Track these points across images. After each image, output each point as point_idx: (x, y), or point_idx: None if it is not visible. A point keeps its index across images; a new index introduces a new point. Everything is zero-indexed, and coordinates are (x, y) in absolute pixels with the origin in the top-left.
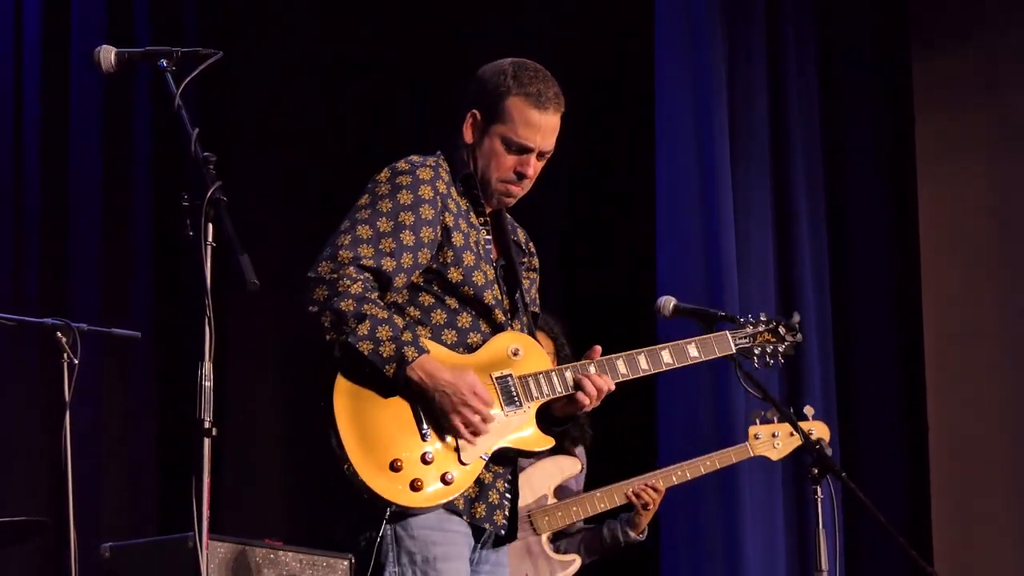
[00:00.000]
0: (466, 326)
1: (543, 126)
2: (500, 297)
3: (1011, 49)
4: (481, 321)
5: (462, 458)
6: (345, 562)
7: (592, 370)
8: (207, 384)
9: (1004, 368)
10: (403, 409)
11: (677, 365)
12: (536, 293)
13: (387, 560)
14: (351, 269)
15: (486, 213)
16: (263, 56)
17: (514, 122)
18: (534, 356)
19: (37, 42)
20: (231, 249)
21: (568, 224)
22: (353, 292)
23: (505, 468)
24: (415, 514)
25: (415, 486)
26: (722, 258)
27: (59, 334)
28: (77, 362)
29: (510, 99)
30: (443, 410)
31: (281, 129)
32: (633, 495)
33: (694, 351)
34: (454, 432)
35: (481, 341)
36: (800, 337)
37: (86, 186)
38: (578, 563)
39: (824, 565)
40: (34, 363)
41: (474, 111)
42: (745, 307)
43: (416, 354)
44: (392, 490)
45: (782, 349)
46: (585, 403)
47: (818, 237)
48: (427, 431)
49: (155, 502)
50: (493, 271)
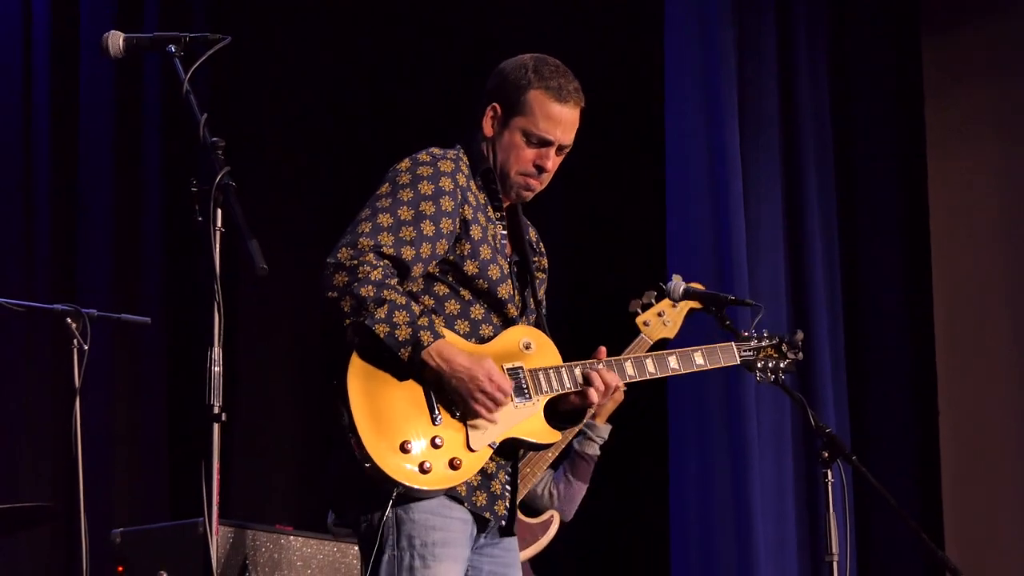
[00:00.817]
0: (478, 318)
1: (563, 119)
2: (513, 292)
3: (1021, 32)
4: (493, 314)
5: (471, 444)
6: (355, 547)
7: (602, 367)
8: (216, 369)
9: (1015, 351)
10: (416, 393)
11: (682, 371)
12: (543, 295)
13: (387, 543)
14: (371, 256)
15: (503, 208)
16: (272, 41)
17: (535, 115)
18: (545, 351)
19: (46, 28)
20: (240, 234)
21: (577, 211)
22: (373, 278)
23: (507, 460)
24: (418, 498)
25: (424, 468)
26: (732, 243)
27: (69, 320)
28: (87, 348)
29: (531, 92)
30: (460, 394)
31: (291, 114)
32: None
33: (700, 359)
34: (470, 416)
35: (493, 334)
36: (801, 356)
37: (96, 172)
38: (557, 519)
39: (835, 549)
40: (44, 349)
41: (495, 104)
42: (755, 292)
43: (432, 339)
44: (401, 471)
45: (783, 366)
46: (593, 398)
47: (828, 221)
48: (438, 415)
49: (165, 488)
50: (508, 266)
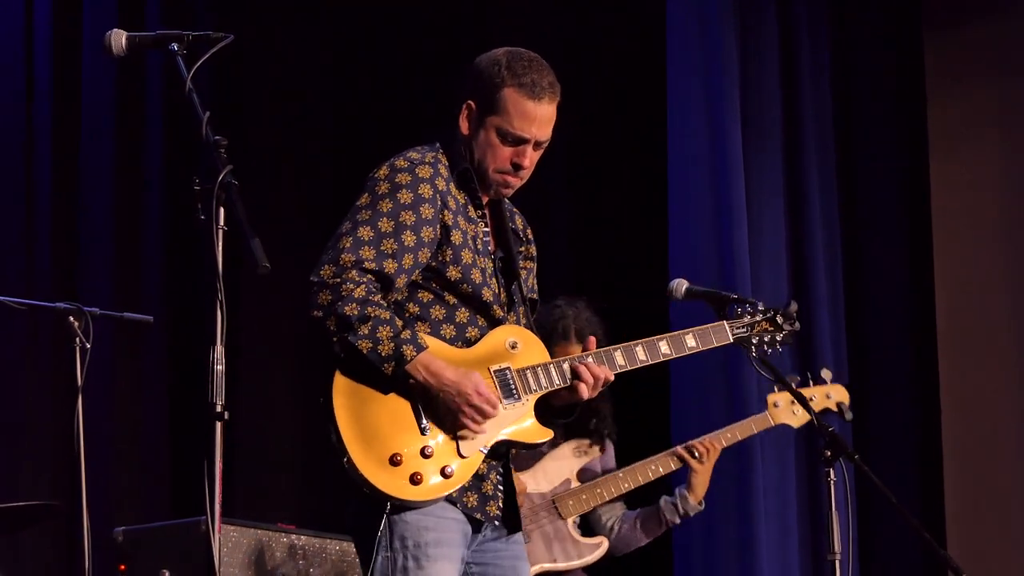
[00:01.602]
0: (464, 321)
1: (538, 116)
2: (498, 291)
3: (1023, 31)
4: (479, 316)
5: (461, 451)
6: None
7: (590, 360)
8: (219, 368)
9: (1017, 350)
10: (402, 405)
11: (675, 355)
12: (534, 282)
13: (381, 546)
14: (354, 273)
15: (484, 205)
16: (274, 39)
17: (509, 113)
18: (532, 349)
19: (48, 27)
20: (242, 233)
21: (578, 209)
22: (356, 296)
23: (498, 460)
24: (414, 506)
25: (415, 480)
26: (734, 241)
27: (71, 318)
28: (89, 346)
29: (505, 90)
30: (447, 408)
31: (293, 112)
32: (685, 452)
33: (692, 341)
34: (458, 429)
35: (479, 335)
36: (798, 326)
37: (97, 171)
38: (605, 545)
39: (837, 547)
40: (46, 348)
41: (469, 102)
42: (757, 290)
43: (415, 352)
44: (392, 484)
45: (780, 338)
46: (583, 392)
47: (830, 219)
48: (427, 425)
49: (168, 486)
50: (492, 265)
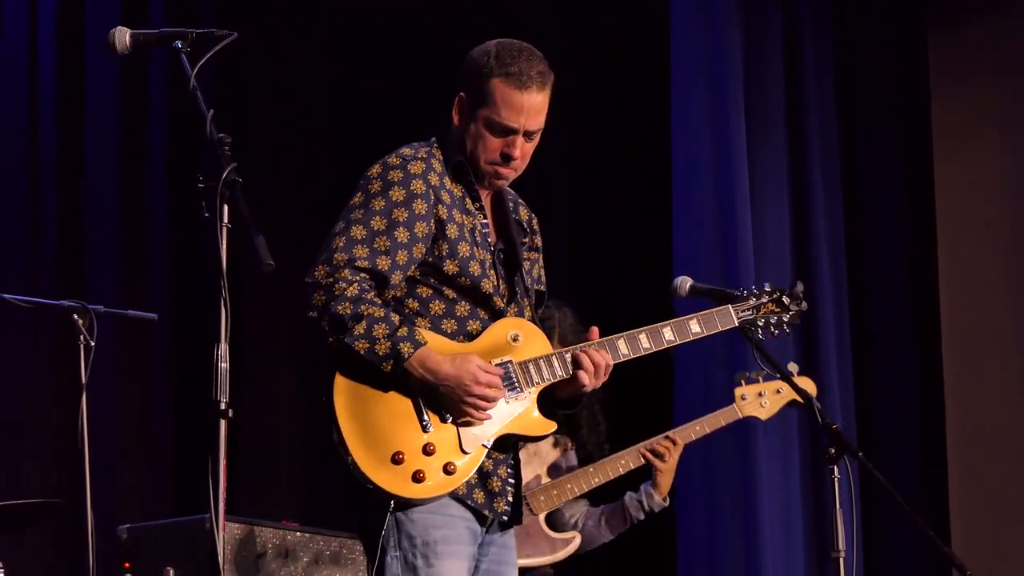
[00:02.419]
0: (465, 314)
1: (524, 106)
2: (498, 283)
3: None
4: (480, 309)
5: (464, 447)
6: (361, 543)
7: (591, 348)
8: (223, 365)
9: (1022, 348)
10: (403, 403)
11: (679, 342)
12: (540, 272)
13: (388, 545)
14: (346, 272)
15: (480, 197)
16: (278, 36)
17: (496, 104)
18: (534, 341)
19: (52, 24)
20: (246, 230)
21: (580, 207)
22: (349, 295)
23: (507, 454)
24: (418, 504)
25: (417, 477)
26: (738, 237)
27: (75, 316)
28: (94, 344)
29: (492, 80)
30: (450, 401)
31: (297, 109)
32: (647, 452)
33: (696, 327)
34: (462, 418)
35: (480, 328)
36: (805, 306)
37: (102, 168)
38: (578, 540)
39: (841, 545)
40: (51, 345)
41: (461, 94)
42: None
43: (412, 349)
44: (394, 482)
45: (787, 319)
46: (585, 380)
47: (834, 217)
48: (428, 422)
49: (172, 484)
50: (491, 257)
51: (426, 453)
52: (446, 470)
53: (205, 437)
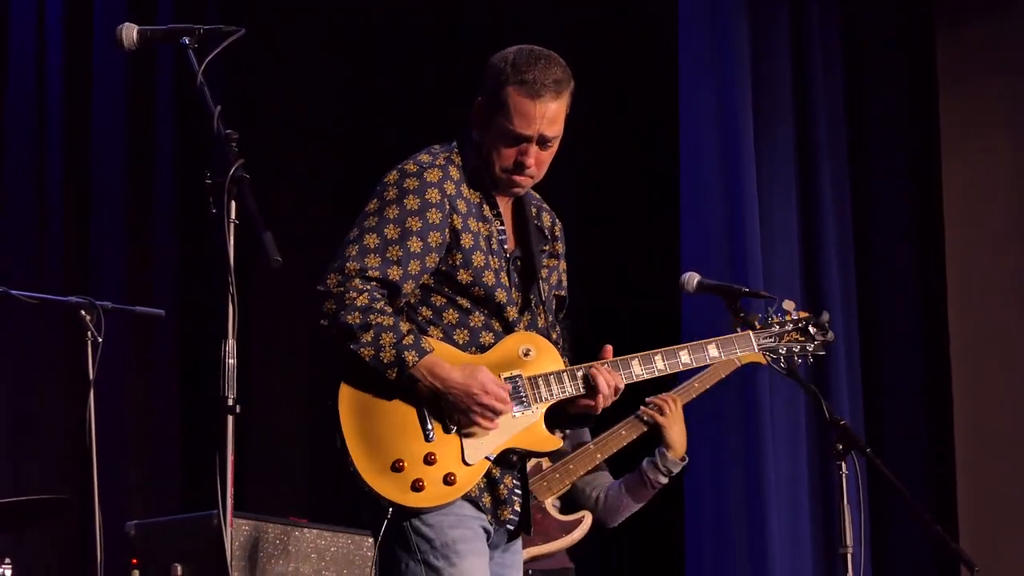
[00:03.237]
0: (478, 326)
1: (537, 115)
2: (512, 294)
3: None
4: (493, 320)
5: (466, 458)
6: (369, 540)
7: (605, 368)
8: (231, 361)
9: None
10: (407, 411)
11: (696, 365)
12: (561, 278)
13: (406, 551)
14: (357, 281)
15: (499, 203)
16: (286, 32)
17: (509, 112)
18: (546, 356)
19: (59, 20)
20: (254, 226)
21: (590, 207)
22: (359, 304)
23: (510, 468)
24: (417, 512)
25: (417, 486)
26: (746, 234)
27: (83, 312)
28: (101, 340)
29: (507, 88)
30: (457, 409)
31: (305, 106)
32: (649, 413)
33: (714, 351)
34: (468, 428)
35: (493, 340)
36: (832, 336)
37: (109, 165)
38: (588, 519)
39: (849, 541)
40: (58, 341)
41: (479, 99)
42: (770, 286)
43: (416, 357)
44: (394, 490)
45: (811, 348)
46: (600, 403)
47: (842, 214)
48: (431, 431)
49: (179, 480)
50: (506, 265)
51: (427, 463)
52: (446, 480)
53: (213, 433)
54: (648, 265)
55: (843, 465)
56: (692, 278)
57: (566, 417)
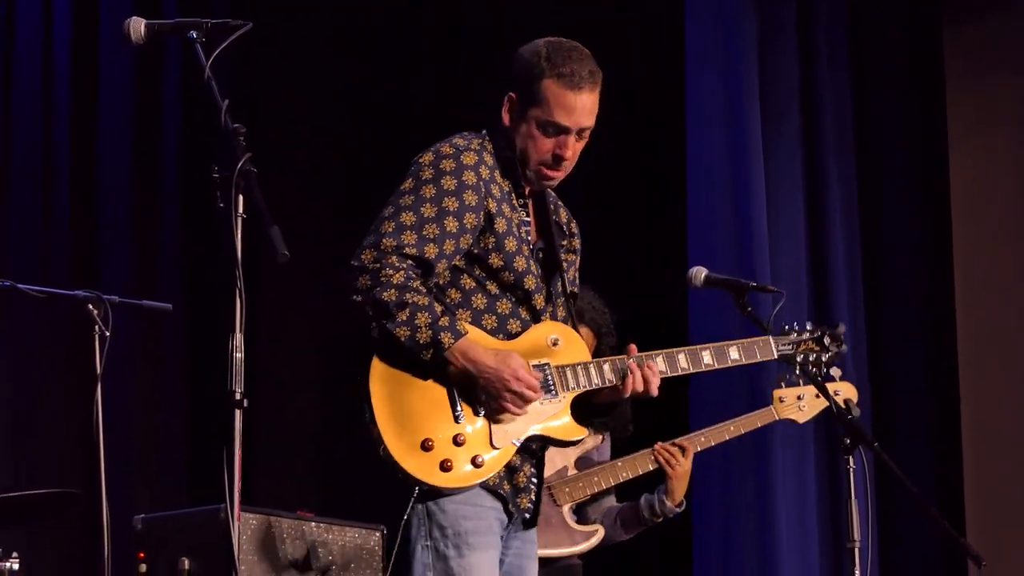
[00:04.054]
0: (506, 313)
1: (577, 107)
2: (539, 283)
3: None
4: (521, 308)
5: (494, 442)
6: (377, 533)
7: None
8: (238, 355)
9: None
10: (438, 391)
11: (717, 367)
12: (575, 274)
13: (419, 534)
14: (394, 258)
15: (526, 195)
16: (288, 29)
17: (549, 105)
18: (573, 347)
19: (67, 13)
20: (261, 221)
21: (597, 202)
22: (395, 282)
23: (532, 455)
24: (447, 493)
25: (445, 466)
26: (753, 230)
27: (90, 306)
28: (108, 334)
29: (544, 81)
30: (488, 393)
31: (312, 100)
32: (662, 457)
33: (735, 354)
34: (497, 414)
35: (520, 328)
36: (845, 348)
37: (116, 158)
38: (601, 533)
39: (856, 535)
40: (66, 335)
41: (511, 94)
42: (777, 280)
43: (452, 339)
44: (422, 469)
45: (825, 359)
46: (627, 392)
47: (849, 210)
48: (461, 413)
49: (187, 474)
50: (532, 254)
51: (456, 443)
52: (474, 462)
53: (220, 427)
54: (655, 262)
55: (851, 460)
56: (699, 272)
57: (590, 408)
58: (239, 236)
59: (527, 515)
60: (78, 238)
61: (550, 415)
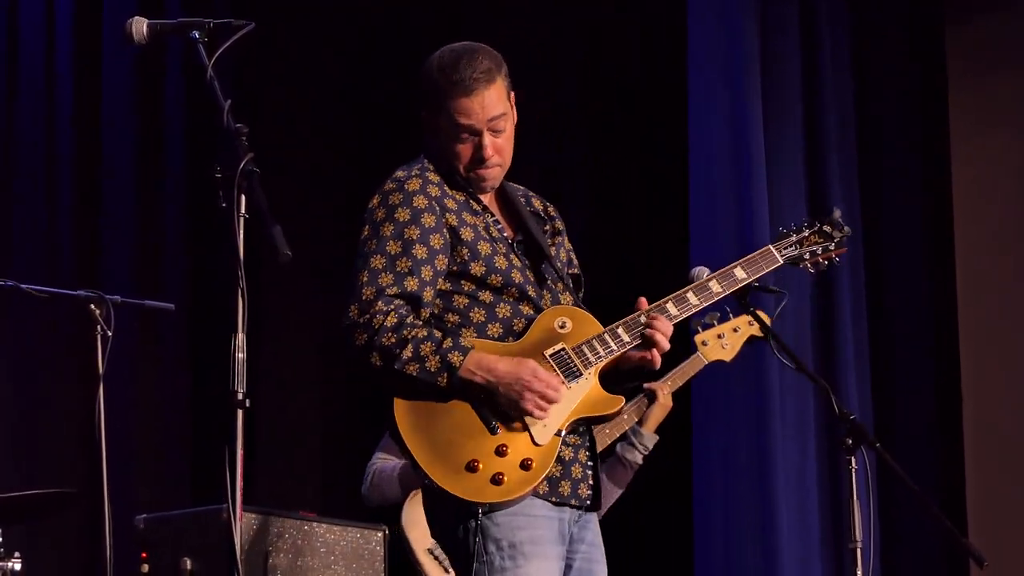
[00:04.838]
0: (507, 315)
1: (476, 108)
2: (527, 274)
3: None
4: (521, 305)
5: (536, 440)
6: (378, 534)
7: (643, 319)
8: (240, 355)
9: None
10: (466, 411)
11: (727, 292)
12: (570, 254)
13: (475, 551)
14: (379, 304)
15: (482, 199)
16: (288, 30)
17: (450, 114)
18: (583, 324)
19: (69, 13)
20: (263, 221)
21: (598, 199)
22: (389, 324)
23: (583, 437)
24: (505, 506)
25: (497, 480)
26: (755, 232)
27: (93, 306)
28: (111, 334)
29: (440, 94)
30: (510, 400)
31: (312, 100)
32: (650, 388)
33: (741, 273)
34: (527, 415)
35: (526, 325)
36: (849, 230)
37: (118, 158)
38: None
39: (858, 536)
40: (68, 335)
41: (423, 112)
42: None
43: (461, 357)
44: (475, 490)
45: (832, 247)
46: (657, 351)
47: (851, 211)
48: (495, 424)
49: (188, 474)
50: (513, 248)
51: (499, 455)
52: (523, 466)
53: (222, 427)
54: (655, 262)
55: (852, 460)
56: (702, 272)
57: (621, 375)
58: (241, 236)
59: (589, 501)
60: (80, 238)
61: (581, 395)
